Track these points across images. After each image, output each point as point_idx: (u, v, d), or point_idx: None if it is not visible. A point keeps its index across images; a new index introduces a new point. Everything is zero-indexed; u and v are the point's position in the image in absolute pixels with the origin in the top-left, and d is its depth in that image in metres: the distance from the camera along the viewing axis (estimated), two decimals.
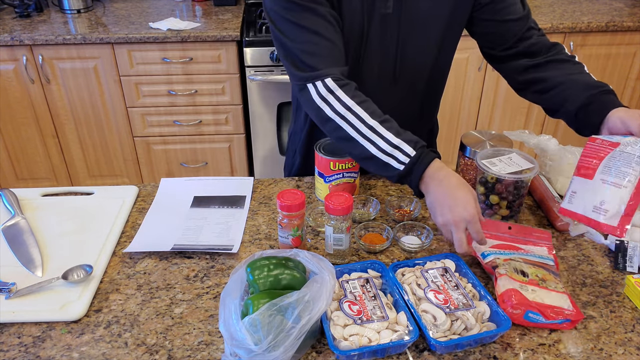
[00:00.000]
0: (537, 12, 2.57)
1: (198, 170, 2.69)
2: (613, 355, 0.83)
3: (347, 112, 1.00)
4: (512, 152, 1.11)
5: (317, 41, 1.03)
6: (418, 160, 0.96)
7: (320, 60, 1.03)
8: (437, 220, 0.95)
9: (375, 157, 0.99)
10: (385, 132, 0.99)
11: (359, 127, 1.00)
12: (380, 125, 0.99)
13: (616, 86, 2.64)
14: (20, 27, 2.34)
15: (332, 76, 1.02)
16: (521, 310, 0.85)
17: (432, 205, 0.95)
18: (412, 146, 0.97)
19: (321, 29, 1.03)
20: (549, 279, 0.91)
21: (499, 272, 0.91)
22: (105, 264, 1.02)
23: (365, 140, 0.99)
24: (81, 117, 2.50)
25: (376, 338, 0.81)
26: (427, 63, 1.20)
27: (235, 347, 0.73)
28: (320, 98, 1.02)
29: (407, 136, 0.99)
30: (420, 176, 0.96)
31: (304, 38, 1.03)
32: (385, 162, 0.99)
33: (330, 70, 1.02)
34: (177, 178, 1.29)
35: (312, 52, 1.03)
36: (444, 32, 1.16)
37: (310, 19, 1.03)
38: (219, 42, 2.33)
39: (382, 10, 1.09)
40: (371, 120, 0.99)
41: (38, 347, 0.84)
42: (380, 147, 0.98)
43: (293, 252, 0.88)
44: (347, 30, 1.10)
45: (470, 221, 0.91)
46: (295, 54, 1.04)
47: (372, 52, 1.14)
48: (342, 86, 1.02)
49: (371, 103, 1.03)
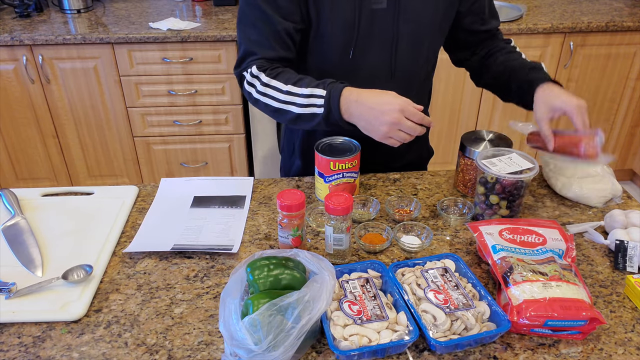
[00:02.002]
0: (537, 12, 2.58)
1: (198, 170, 2.69)
2: (613, 355, 0.83)
3: (266, 89, 1.11)
4: (512, 152, 1.11)
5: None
6: (330, 95, 1.03)
7: (253, 48, 1.13)
8: (377, 136, 1.00)
9: (301, 114, 1.08)
10: (299, 89, 1.07)
11: (279, 97, 1.09)
12: (293, 87, 1.08)
13: (616, 86, 2.64)
14: (20, 27, 2.34)
15: (256, 64, 1.12)
16: (540, 321, 0.83)
17: (364, 128, 1.02)
18: (322, 87, 1.05)
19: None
20: (566, 273, 0.90)
21: (515, 280, 0.88)
22: (105, 264, 1.02)
23: (287, 104, 1.09)
24: (81, 117, 2.50)
25: (376, 338, 0.81)
26: (422, 58, 1.22)
27: (235, 347, 0.73)
28: (248, 84, 1.15)
29: (317, 82, 1.07)
30: (338, 107, 1.02)
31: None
32: (311, 113, 1.07)
33: (257, 60, 1.13)
34: (177, 178, 1.29)
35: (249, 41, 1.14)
36: (435, 29, 1.19)
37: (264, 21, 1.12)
38: (219, 42, 2.33)
39: (374, 6, 1.11)
40: (285, 86, 1.09)
41: (38, 347, 0.84)
42: (299, 103, 1.07)
43: (293, 252, 0.88)
44: (335, 25, 1.12)
45: (402, 109, 0.95)
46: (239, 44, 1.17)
47: (367, 47, 1.16)
48: (264, 70, 1.12)
49: (287, 72, 1.11)
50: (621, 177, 3.03)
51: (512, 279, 0.88)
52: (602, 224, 1.11)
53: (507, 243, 0.97)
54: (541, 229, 1.00)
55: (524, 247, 0.96)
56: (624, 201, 1.20)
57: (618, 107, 2.72)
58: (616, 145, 2.84)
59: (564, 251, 0.95)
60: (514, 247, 0.95)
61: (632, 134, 2.81)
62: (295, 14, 1.11)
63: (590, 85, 2.63)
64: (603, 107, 2.71)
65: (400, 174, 1.31)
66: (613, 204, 1.19)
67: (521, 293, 0.86)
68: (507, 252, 0.94)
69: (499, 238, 0.98)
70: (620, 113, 2.74)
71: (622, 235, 1.03)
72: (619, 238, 1.02)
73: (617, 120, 2.76)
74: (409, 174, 1.31)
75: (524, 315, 0.83)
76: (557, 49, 2.51)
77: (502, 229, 1.00)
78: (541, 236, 0.98)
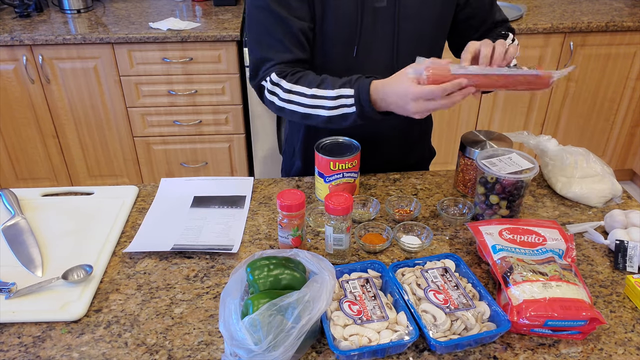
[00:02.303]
0: (537, 12, 2.58)
1: (198, 170, 2.69)
2: (613, 355, 0.83)
3: (290, 95, 1.09)
4: (512, 152, 1.11)
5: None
6: (359, 94, 1.02)
7: (268, 54, 1.12)
8: (417, 115, 0.98)
9: (332, 116, 1.07)
10: (325, 91, 1.06)
11: (305, 102, 1.08)
12: (318, 90, 1.07)
13: (616, 86, 2.64)
14: (20, 27, 2.34)
15: (275, 70, 1.11)
16: (540, 322, 0.83)
17: (403, 113, 1.01)
18: (349, 86, 1.04)
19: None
20: (566, 273, 0.90)
21: (515, 280, 0.88)
22: (105, 264, 1.02)
23: (315, 108, 1.08)
24: (81, 117, 2.50)
25: (376, 338, 0.81)
26: (424, 54, 1.20)
27: (235, 347, 0.73)
28: (270, 93, 1.12)
29: (342, 81, 1.06)
30: (369, 105, 1.02)
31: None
32: (342, 114, 1.06)
33: (274, 66, 1.12)
34: (177, 178, 1.29)
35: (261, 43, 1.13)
36: (435, 26, 1.19)
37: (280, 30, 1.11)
38: (219, 42, 2.33)
39: (376, 4, 1.12)
40: (310, 90, 1.07)
41: (38, 347, 0.84)
42: (328, 106, 1.06)
43: (293, 252, 0.88)
44: (339, 24, 1.12)
45: (415, 99, 0.94)
46: (250, 52, 1.15)
47: (369, 45, 1.16)
48: (285, 76, 1.10)
49: (307, 75, 1.10)
50: (621, 177, 3.03)
51: (512, 279, 0.88)
52: (602, 224, 1.11)
53: (507, 243, 0.97)
54: (541, 229, 1.00)
55: (524, 247, 0.96)
56: (624, 201, 1.20)
57: (618, 107, 2.72)
58: (616, 145, 2.84)
59: (564, 251, 0.95)
60: (514, 247, 0.95)
61: (632, 134, 2.81)
62: (307, 13, 1.11)
63: (590, 85, 2.63)
64: (603, 107, 2.71)
65: (400, 174, 1.31)
66: (613, 204, 1.19)
67: (521, 293, 0.86)
68: (507, 252, 0.94)
69: (499, 238, 0.98)
70: (620, 113, 2.74)
71: (622, 235, 1.03)
72: (619, 238, 1.02)
73: (617, 120, 2.76)
74: (409, 174, 1.31)
75: (524, 315, 0.83)
76: (557, 49, 2.51)
77: (502, 229, 1.00)
78: (541, 236, 0.98)
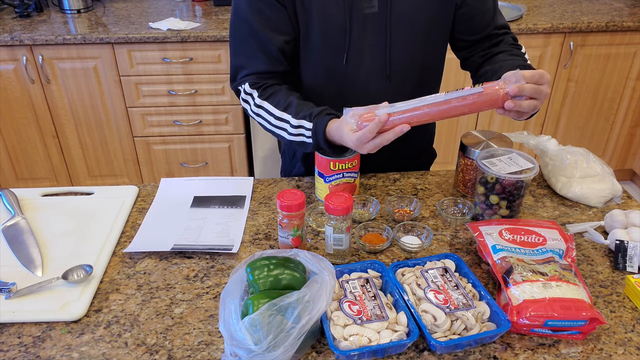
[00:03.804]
0: (537, 12, 2.58)
1: (198, 170, 2.69)
2: (613, 355, 0.83)
3: (259, 110, 1.15)
4: (512, 152, 1.11)
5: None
6: (316, 131, 1.06)
7: (243, 63, 1.17)
8: (369, 152, 1.00)
9: (292, 141, 1.13)
10: (288, 117, 1.11)
11: (271, 120, 1.14)
12: (284, 113, 1.12)
13: (616, 86, 2.64)
14: (20, 27, 2.34)
15: (248, 80, 1.16)
16: (540, 322, 0.83)
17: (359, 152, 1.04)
18: (308, 120, 1.08)
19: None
20: (566, 273, 0.90)
21: (515, 280, 0.88)
22: (105, 264, 1.02)
23: (279, 129, 1.14)
24: (81, 117, 2.50)
25: (376, 338, 0.81)
26: (417, 61, 1.20)
27: (235, 347, 0.73)
28: (244, 101, 1.19)
29: (305, 111, 1.09)
30: (324, 142, 1.07)
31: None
32: (302, 142, 1.11)
33: (248, 76, 1.16)
34: (177, 178, 1.29)
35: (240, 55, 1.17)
36: (431, 30, 1.17)
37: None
38: (219, 42, 2.33)
39: (366, 10, 1.11)
40: (277, 111, 1.12)
41: (38, 347, 0.84)
42: (290, 132, 1.12)
43: (293, 252, 0.88)
44: (326, 31, 1.12)
45: (357, 146, 0.97)
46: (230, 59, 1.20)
47: (360, 52, 1.15)
48: (258, 88, 1.15)
49: (278, 93, 1.14)
50: (621, 177, 3.03)
51: (512, 279, 0.88)
52: (602, 224, 1.11)
53: (507, 243, 0.97)
54: (541, 229, 1.00)
55: (524, 247, 0.96)
56: (624, 201, 1.20)
57: (618, 107, 2.72)
58: (616, 145, 2.84)
59: (564, 251, 0.95)
60: (514, 247, 0.95)
61: (632, 134, 2.81)
62: (285, 24, 1.12)
63: (590, 85, 2.63)
64: (603, 107, 2.71)
65: (400, 174, 1.31)
66: (613, 204, 1.19)
67: (521, 293, 0.86)
68: (507, 252, 0.94)
69: (499, 238, 0.98)
70: (620, 113, 2.74)
71: (622, 235, 1.03)
72: (619, 238, 1.02)
73: (617, 120, 2.76)
74: (409, 174, 1.31)
75: (524, 315, 0.83)
76: (557, 49, 2.51)
77: (502, 229, 1.00)
78: (541, 236, 0.98)
